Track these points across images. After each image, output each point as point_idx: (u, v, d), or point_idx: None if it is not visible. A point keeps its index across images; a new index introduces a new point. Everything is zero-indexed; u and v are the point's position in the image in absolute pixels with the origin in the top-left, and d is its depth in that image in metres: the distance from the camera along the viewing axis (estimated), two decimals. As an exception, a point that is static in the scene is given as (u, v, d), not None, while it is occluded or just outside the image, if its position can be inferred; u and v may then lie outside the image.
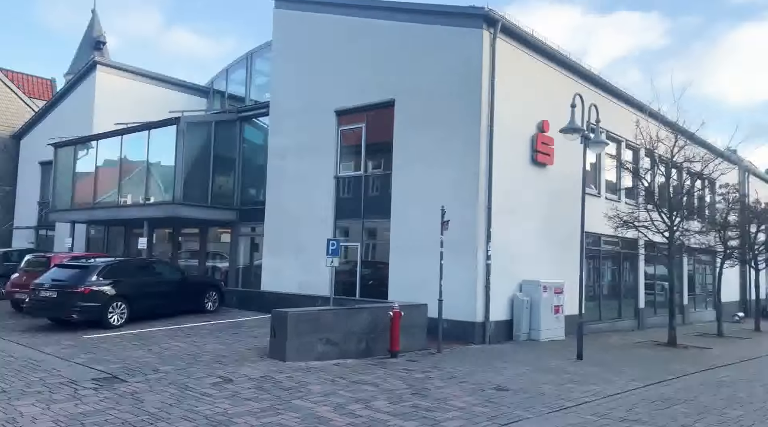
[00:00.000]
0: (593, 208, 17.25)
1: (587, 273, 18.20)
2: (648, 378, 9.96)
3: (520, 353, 12.11)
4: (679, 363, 11.98)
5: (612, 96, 18.38)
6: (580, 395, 8.34)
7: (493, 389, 8.44)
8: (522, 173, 15.03)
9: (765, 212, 22.30)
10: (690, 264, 25.23)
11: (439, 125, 14.32)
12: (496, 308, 13.81)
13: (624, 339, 16.19)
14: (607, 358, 12.16)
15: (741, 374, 11.06)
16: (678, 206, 15.72)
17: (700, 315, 25.34)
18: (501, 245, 13.93)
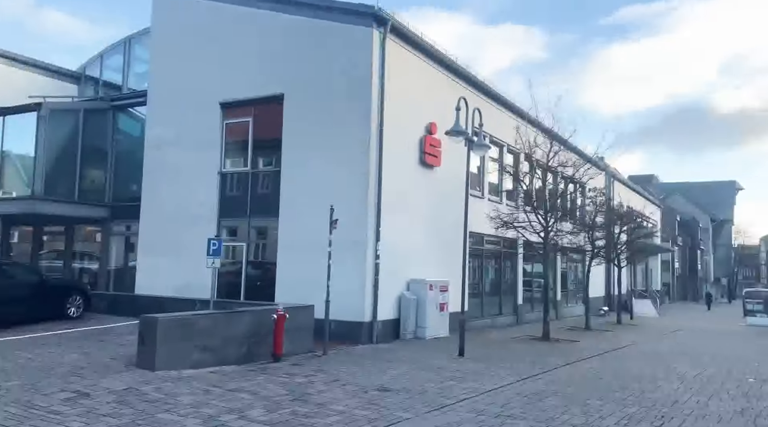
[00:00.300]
0: (477, 210, 17.94)
1: (471, 271, 18.90)
2: (523, 372, 10.42)
3: (405, 352, 12.20)
4: (551, 356, 12.70)
5: (495, 102, 19.24)
6: (460, 392, 8.49)
7: (376, 390, 8.35)
8: (411, 174, 15.22)
9: (627, 214, 24.58)
10: (563, 263, 27.17)
11: (330, 123, 14.09)
12: (384, 308, 13.85)
13: (503, 334, 16.97)
14: (487, 353, 12.61)
15: (604, 365, 11.95)
16: (553, 208, 16.76)
17: (571, 310, 27.37)
18: (390, 244, 13.99)
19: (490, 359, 11.90)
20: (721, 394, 9.01)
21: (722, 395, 8.95)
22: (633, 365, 11.99)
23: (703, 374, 10.98)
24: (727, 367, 12.17)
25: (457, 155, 15.12)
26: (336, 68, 14.07)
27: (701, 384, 9.86)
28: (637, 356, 13.60)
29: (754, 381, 10.46)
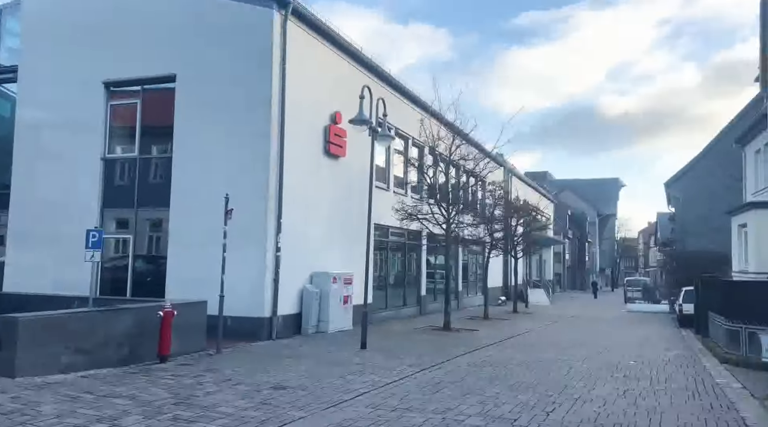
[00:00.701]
0: (382, 202, 17.87)
1: (376, 263, 18.84)
2: (423, 363, 10.41)
3: (306, 347, 11.81)
4: (451, 346, 12.87)
5: (400, 94, 19.23)
6: (359, 386, 8.26)
7: (271, 388, 7.91)
8: (315, 164, 14.80)
9: (524, 208, 25.71)
10: (464, 254, 27.97)
11: (227, 108, 13.31)
12: (286, 302, 13.35)
13: (407, 326, 17.06)
14: (389, 345, 12.53)
15: (500, 353, 12.27)
16: (454, 201, 17.05)
17: (472, 300, 28.27)
18: (292, 236, 13.51)
19: (392, 350, 11.81)
20: (606, 377, 9.50)
21: (607, 378, 9.43)
22: (527, 352, 12.42)
23: (590, 359, 11.58)
24: (612, 351, 12.97)
25: (362, 146, 14.89)
26: (233, 49, 13.30)
27: (588, 368, 10.36)
28: (531, 343, 14.15)
29: (635, 363, 11.18)
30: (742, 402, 7.65)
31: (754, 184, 22.68)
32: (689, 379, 9.45)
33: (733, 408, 7.28)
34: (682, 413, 6.98)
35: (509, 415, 6.81)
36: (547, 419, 6.66)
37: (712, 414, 6.98)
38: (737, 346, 11.28)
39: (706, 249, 27.86)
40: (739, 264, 20.09)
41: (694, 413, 7.01)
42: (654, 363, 11.24)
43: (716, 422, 6.59)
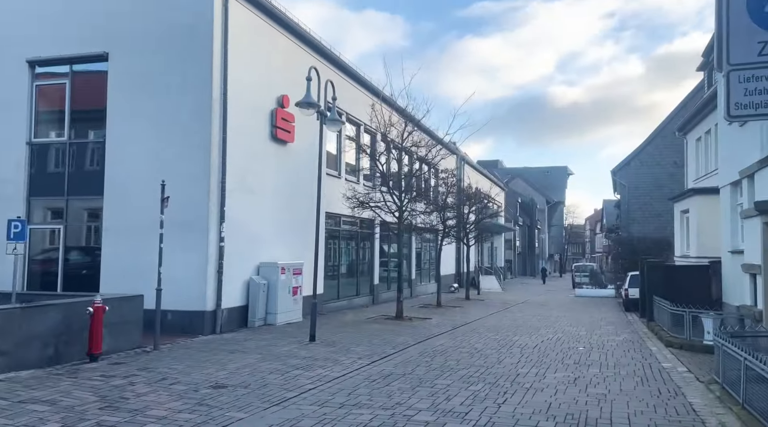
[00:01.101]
0: (334, 189, 17.42)
1: (328, 253, 18.40)
2: (374, 354, 10.12)
3: (252, 341, 11.30)
4: (403, 336, 12.63)
5: (352, 79, 18.74)
6: (305, 381, 7.87)
7: (210, 387, 7.41)
8: (261, 149, 14.17)
9: (476, 195, 25.77)
10: (418, 242, 27.88)
11: (164, 89, 12.51)
12: (231, 294, 12.77)
13: (359, 315, 16.74)
14: (339, 337, 12.17)
15: (452, 341, 12.12)
16: (407, 188, 16.77)
17: (425, 288, 28.26)
18: (237, 225, 12.91)
19: (342, 342, 11.46)
20: (556, 364, 9.46)
21: (558, 365, 9.39)
22: (479, 340, 12.33)
23: (541, 346, 11.58)
24: (561, 337, 13.05)
25: (312, 132, 14.40)
26: (171, 27, 12.48)
27: (539, 356, 10.32)
28: (482, 330, 14.09)
29: (584, 349, 11.24)
30: (689, 387, 7.70)
31: (695, 172, 23.43)
32: (637, 364, 9.53)
33: (680, 393, 7.30)
34: (632, 400, 6.94)
35: (460, 408, 6.58)
36: (499, 411, 6.46)
37: (661, 400, 6.97)
38: (681, 330, 11.51)
39: (650, 235, 28.81)
40: (681, 249, 20.72)
41: (643, 400, 6.98)
42: (603, 348, 11.33)
43: (665, 408, 6.57)
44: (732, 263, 13.40)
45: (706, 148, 22.17)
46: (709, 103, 20.75)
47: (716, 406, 6.60)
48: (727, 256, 13.89)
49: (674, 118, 29.36)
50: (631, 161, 31.45)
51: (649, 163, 30.87)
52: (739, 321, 12.68)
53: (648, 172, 30.87)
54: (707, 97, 21.04)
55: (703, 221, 17.81)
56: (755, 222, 10.48)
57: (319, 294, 16.89)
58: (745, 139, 11.49)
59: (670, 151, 30.36)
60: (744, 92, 5.01)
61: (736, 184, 13.34)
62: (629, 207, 31.32)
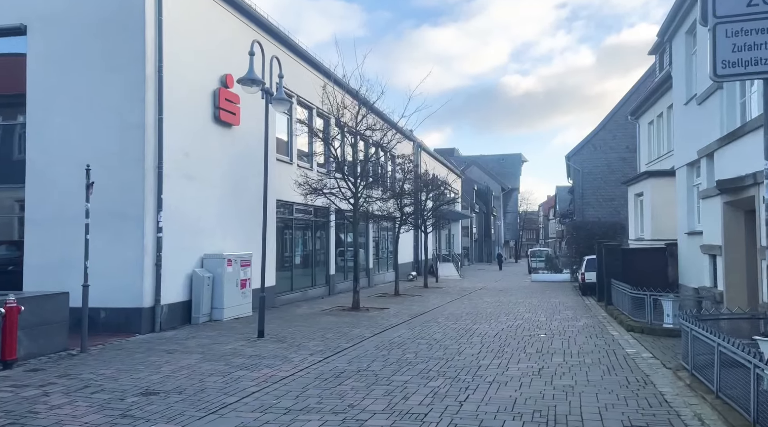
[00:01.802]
0: (285, 176, 16.55)
1: (280, 243, 17.55)
2: (327, 350, 9.44)
3: (194, 339, 10.41)
4: (359, 328, 12.00)
5: (302, 60, 17.83)
6: (249, 383, 7.12)
7: (139, 394, 6.57)
8: (203, 132, 13.16)
9: (433, 182, 25.31)
10: (375, 231, 27.28)
11: (91, 66, 11.36)
12: (171, 289, 11.81)
13: (314, 307, 16.01)
14: (291, 331, 11.42)
15: (410, 332, 11.57)
16: (362, 174, 16.06)
17: (383, 277, 27.72)
18: (178, 214, 11.94)
19: (294, 337, 10.72)
20: (519, 354, 9.02)
21: (520, 355, 8.94)
22: (438, 329, 11.82)
23: (501, 334, 11.16)
24: (521, 323, 12.70)
25: (260, 115, 13.40)
26: (97, -5, 11.31)
27: (500, 345, 9.87)
28: (441, 319, 13.61)
29: (545, 336, 10.88)
30: (657, 374, 7.36)
31: (648, 155, 23.66)
32: (601, 351, 9.20)
33: (649, 382, 6.94)
34: (601, 392, 6.51)
35: (419, 408, 5.99)
36: (461, 410, 5.90)
37: (631, 391, 6.57)
38: (642, 313, 11.31)
39: (604, 219, 29.13)
40: (635, 232, 20.86)
41: (612, 391, 6.56)
42: (564, 334, 11.01)
43: (636, 400, 6.16)
44: (689, 245, 13.35)
45: (659, 132, 22.35)
46: (662, 87, 20.86)
47: (688, 395, 6.24)
48: (683, 238, 13.84)
49: (626, 102, 29.67)
50: (584, 146, 31.69)
51: (602, 148, 31.17)
52: (696, 303, 12.64)
53: (601, 157, 31.18)
54: (659, 80, 21.16)
55: (657, 203, 17.87)
56: (715, 202, 10.31)
57: (270, 286, 16.07)
58: (704, 118, 11.31)
59: (622, 136, 30.73)
60: (732, 48, 4.55)
61: (692, 164, 13.25)
62: (583, 192, 31.61)
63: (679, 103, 14.12)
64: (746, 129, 8.79)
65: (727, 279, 9.68)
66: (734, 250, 9.60)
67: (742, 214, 9.55)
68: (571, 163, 31.96)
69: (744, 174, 8.65)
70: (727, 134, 9.69)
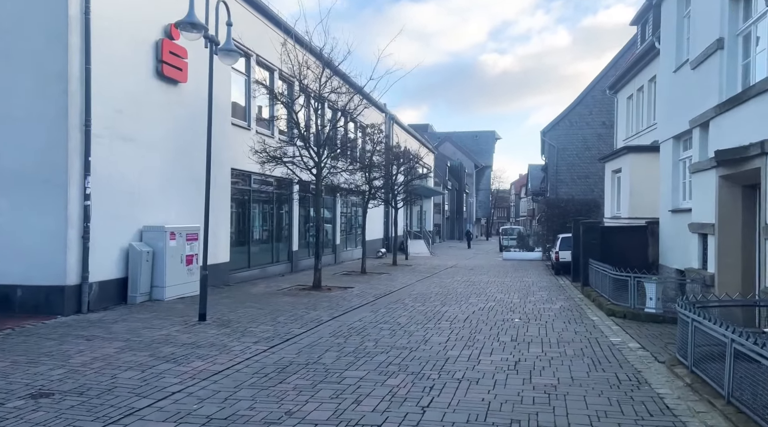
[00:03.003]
0: (242, 143, 15.10)
1: (236, 216, 16.19)
2: (276, 336, 8.28)
3: (123, 322, 9.10)
4: (317, 310, 10.84)
5: (263, 16, 16.24)
6: (172, 381, 5.91)
7: (28, 397, 5.31)
8: (143, 88, 11.63)
9: (404, 154, 24.08)
10: (344, 205, 26.03)
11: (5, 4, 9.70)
12: (103, 264, 10.43)
13: (270, 286, 14.78)
14: (239, 314, 10.20)
15: (373, 315, 10.47)
16: (325, 142, 14.71)
17: (351, 253, 26.57)
18: (111, 180, 10.51)
19: (241, 321, 9.51)
20: (491, 342, 8.00)
21: (493, 343, 7.92)
22: (403, 312, 10.75)
23: (472, 318, 10.15)
24: (493, 305, 11.74)
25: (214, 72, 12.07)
26: None
27: (471, 331, 8.84)
28: (408, 300, 12.57)
29: (520, 321, 9.92)
30: (650, 371, 6.40)
31: (625, 131, 22.87)
32: (582, 339, 8.24)
33: (643, 381, 5.96)
34: (589, 394, 5.50)
35: (372, 416, 4.88)
36: (423, 420, 4.82)
37: (623, 392, 5.59)
38: (624, 296, 10.43)
39: (578, 196, 28.45)
40: (611, 210, 20.10)
41: (602, 393, 5.56)
42: (540, 319, 10.06)
43: (632, 405, 5.17)
44: (672, 223, 12.51)
45: (638, 106, 21.51)
46: (643, 59, 19.92)
47: (692, 399, 5.27)
48: (666, 215, 13.00)
49: (605, 76, 28.78)
50: (560, 122, 30.83)
51: (579, 124, 30.36)
52: (679, 286, 11.83)
53: (577, 133, 30.38)
54: (641, 51, 20.20)
55: (636, 179, 17.02)
56: (708, 176, 9.37)
57: (223, 263, 14.79)
58: (698, 85, 10.31)
59: (599, 112, 29.94)
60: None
61: (680, 137, 12.33)
62: (557, 169, 30.85)
63: (667, 72, 13.13)
64: (752, 93, 7.79)
65: (720, 261, 8.80)
66: (729, 229, 8.70)
67: (740, 189, 8.63)
68: (547, 138, 31.09)
69: (747, 143, 7.67)
70: (727, 100, 8.70)
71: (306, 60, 14.57)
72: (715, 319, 5.32)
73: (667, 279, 11.35)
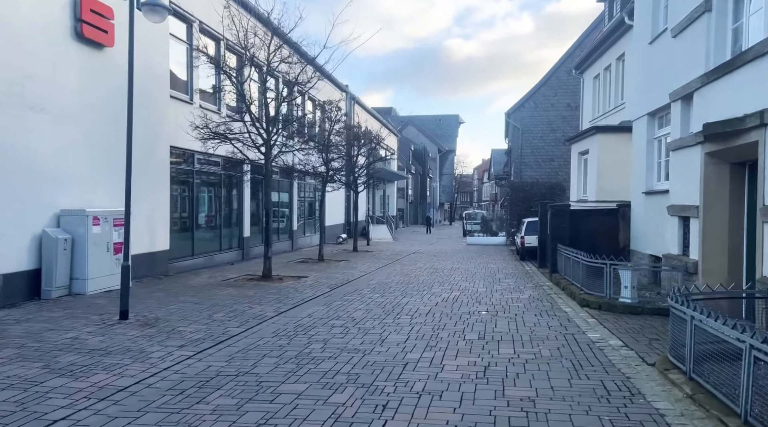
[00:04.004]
0: (183, 119, 13.63)
1: (179, 199, 14.76)
2: (208, 337, 7.08)
3: (26, 323, 7.72)
4: (262, 304, 9.65)
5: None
6: (59, 403, 4.68)
7: None
8: (58, 51, 10.07)
9: (365, 135, 22.85)
10: (301, 189, 24.70)
11: None
12: (8, 254, 9.00)
13: (215, 276, 13.47)
14: (170, 310, 8.92)
15: (325, 309, 9.36)
16: (275, 118, 13.36)
17: (310, 240, 25.32)
18: (16, 156, 9.03)
19: (170, 319, 8.24)
20: (457, 341, 7.00)
21: (459, 343, 6.93)
22: (359, 305, 9.68)
23: (435, 311, 9.16)
24: (458, 295, 10.79)
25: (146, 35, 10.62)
26: None
27: (433, 328, 7.84)
28: (366, 290, 11.51)
29: (487, 314, 8.98)
30: (640, 377, 5.49)
31: (592, 112, 22.25)
32: (558, 336, 7.33)
33: (636, 391, 5.03)
34: (575, 412, 4.52)
35: (305, 453, 3.78)
36: (371, 457, 3.74)
37: (615, 408, 4.64)
38: (598, 285, 9.61)
39: (543, 180, 27.88)
40: (577, 193, 19.46)
41: (590, 409, 4.60)
42: (509, 311, 9.15)
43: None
44: (646, 206, 11.78)
45: (605, 86, 20.85)
46: (611, 36, 19.19)
47: (699, 417, 4.36)
48: (639, 198, 12.27)
49: (570, 57, 28.14)
50: (525, 103, 30.12)
51: (544, 106, 29.71)
52: (652, 274, 11.13)
53: (542, 114, 29.74)
54: (609, 28, 19.45)
55: (604, 161, 16.32)
56: (692, 153, 8.56)
57: (161, 251, 13.41)
58: (680, 54, 9.45)
59: (564, 93, 29.35)
60: None
61: (654, 114, 11.55)
62: (522, 152, 30.21)
63: (641, 44, 12.31)
64: (747, 57, 6.93)
65: (705, 246, 8.02)
66: (715, 211, 7.91)
67: (728, 167, 7.84)
68: (511, 120, 30.36)
69: (742, 114, 6.82)
70: (717, 67, 7.84)
71: (253, 26, 13.16)
72: (725, 317, 4.41)
73: (644, 266, 10.61)
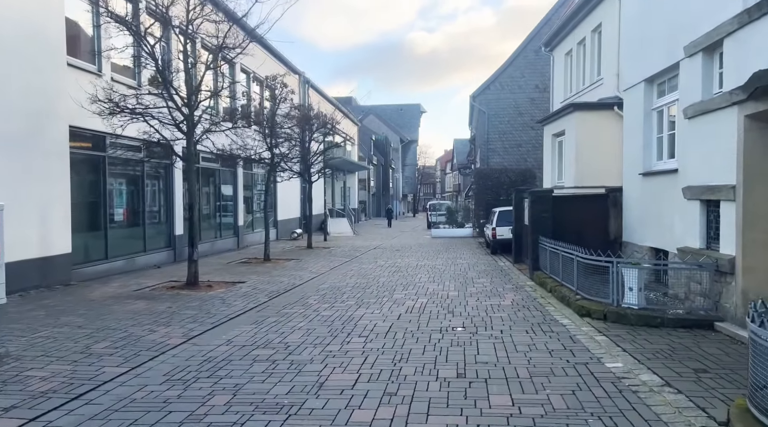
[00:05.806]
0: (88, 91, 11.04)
1: (86, 191, 12.20)
2: (64, 388, 4.76)
3: None
4: (170, 324, 7.33)
5: None
6: None
7: None
8: None
9: (318, 117, 20.50)
10: (249, 180, 22.24)
11: None
12: None
13: (129, 284, 11.01)
14: (39, 337, 6.51)
15: (254, 330, 7.14)
16: (198, 89, 10.93)
17: (260, 236, 22.79)
18: None
19: (23, 355, 5.85)
20: (428, 383, 4.88)
21: (431, 387, 4.80)
22: (299, 323, 7.47)
23: (397, 329, 7.04)
24: (425, 304, 8.70)
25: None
26: None
27: (394, 357, 5.71)
28: (312, 301, 9.29)
29: (464, 330, 6.92)
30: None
31: (563, 91, 20.50)
32: (567, 368, 5.29)
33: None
34: None
35: None
36: None
37: None
38: (598, 288, 7.67)
39: (511, 166, 26.16)
40: (552, 180, 17.66)
41: None
42: (492, 326, 7.11)
43: None
44: (644, 190, 9.93)
45: (578, 62, 19.07)
46: (584, 6, 17.41)
47: None
48: (634, 181, 10.42)
49: (537, 35, 26.40)
50: (490, 85, 28.26)
51: (510, 87, 27.92)
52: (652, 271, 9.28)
53: (509, 97, 27.95)
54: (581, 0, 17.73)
55: (583, 142, 14.49)
56: (723, 117, 6.66)
57: (61, 254, 10.86)
58: None
59: (531, 74, 27.62)
60: None
61: (653, 80, 9.68)
62: (488, 137, 28.40)
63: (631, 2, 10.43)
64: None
65: (745, 237, 6.15)
66: (759, 191, 6.04)
67: (775, 133, 5.96)
68: (476, 103, 28.49)
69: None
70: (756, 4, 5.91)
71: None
72: None
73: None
